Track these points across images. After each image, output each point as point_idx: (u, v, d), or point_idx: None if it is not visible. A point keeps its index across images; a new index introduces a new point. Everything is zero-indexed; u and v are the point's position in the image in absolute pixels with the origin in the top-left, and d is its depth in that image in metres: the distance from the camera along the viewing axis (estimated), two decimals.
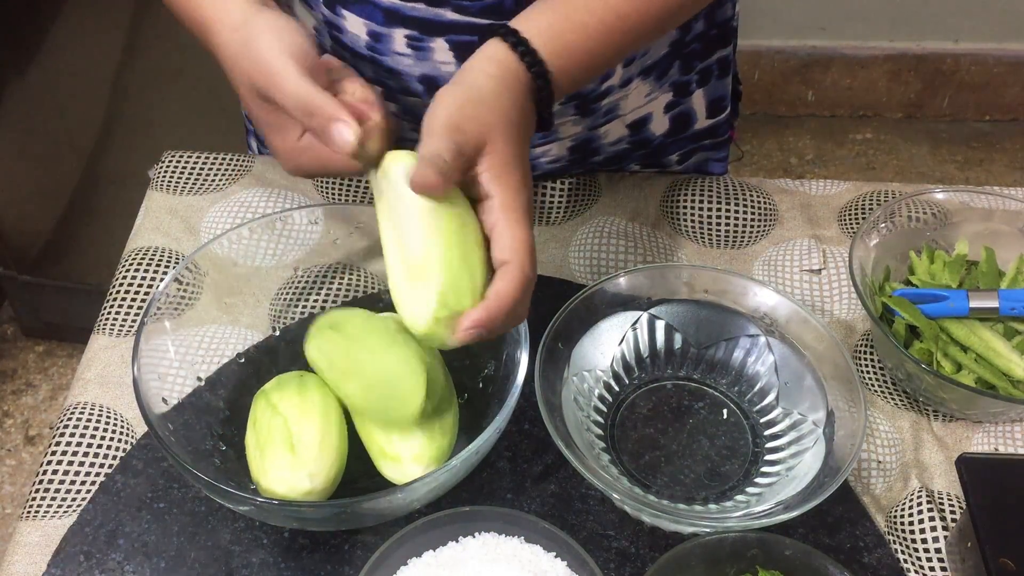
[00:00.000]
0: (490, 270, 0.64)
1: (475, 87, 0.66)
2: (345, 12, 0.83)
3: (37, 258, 1.89)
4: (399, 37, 0.82)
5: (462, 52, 0.73)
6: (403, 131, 0.89)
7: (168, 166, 1.01)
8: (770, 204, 0.98)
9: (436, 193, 0.62)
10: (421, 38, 0.82)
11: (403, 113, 0.90)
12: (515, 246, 0.63)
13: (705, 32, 0.93)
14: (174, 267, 0.83)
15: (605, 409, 0.81)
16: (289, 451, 0.69)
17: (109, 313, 0.89)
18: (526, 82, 0.68)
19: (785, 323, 0.80)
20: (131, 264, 0.92)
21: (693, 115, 1.00)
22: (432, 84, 0.85)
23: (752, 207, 0.98)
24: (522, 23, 0.69)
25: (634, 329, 0.83)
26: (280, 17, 0.70)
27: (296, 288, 0.86)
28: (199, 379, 0.79)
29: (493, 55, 0.68)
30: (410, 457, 0.70)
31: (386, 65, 0.85)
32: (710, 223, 0.97)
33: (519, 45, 0.68)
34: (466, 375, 0.79)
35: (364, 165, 0.67)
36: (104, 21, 1.59)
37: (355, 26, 0.83)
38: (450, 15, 0.81)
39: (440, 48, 0.83)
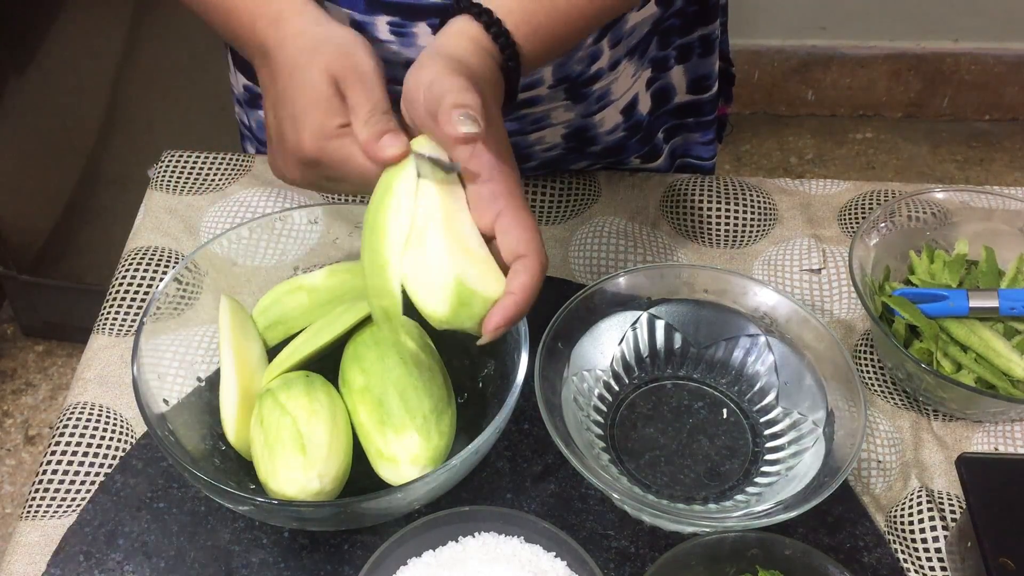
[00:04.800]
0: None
1: (461, 59, 0.65)
2: (327, 3, 0.83)
3: (37, 258, 1.89)
4: (382, 25, 0.82)
5: None
6: None
7: (168, 166, 1.01)
8: (770, 204, 0.98)
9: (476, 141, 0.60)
10: (403, 23, 0.82)
11: (395, 105, 0.90)
12: (530, 237, 0.61)
13: (684, 8, 0.93)
14: (174, 267, 0.83)
15: (605, 409, 0.81)
16: (300, 452, 0.69)
17: (109, 313, 0.89)
18: (499, 61, 0.68)
19: (785, 323, 0.80)
20: (131, 264, 0.92)
21: (672, 90, 1.00)
22: None
23: (752, 207, 0.98)
24: (492, 1, 0.69)
25: (634, 329, 0.83)
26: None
27: None
28: (199, 379, 0.78)
29: (465, 31, 0.67)
30: (407, 459, 0.70)
31: None
32: (710, 223, 0.97)
33: (492, 25, 0.67)
34: (466, 375, 0.79)
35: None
36: (104, 21, 1.59)
37: (338, 17, 0.83)
38: None
39: (423, 32, 0.82)
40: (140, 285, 0.91)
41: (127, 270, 0.92)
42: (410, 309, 0.83)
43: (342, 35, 0.69)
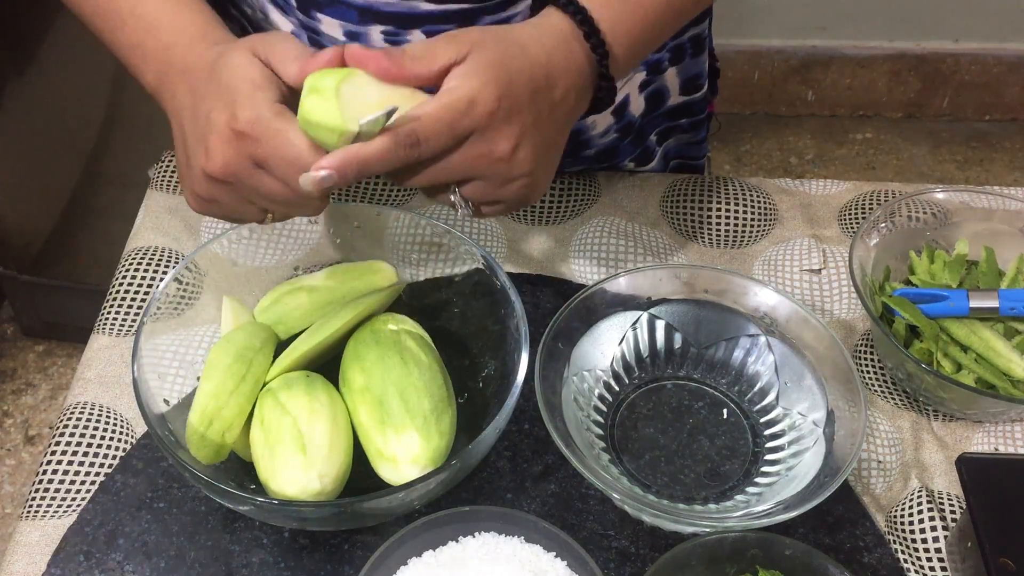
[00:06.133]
0: None
1: (506, 27, 0.66)
2: (319, 15, 0.83)
3: (37, 258, 1.89)
4: (375, 34, 0.82)
5: None
6: None
7: (168, 166, 1.01)
8: (770, 204, 0.98)
9: (369, 67, 0.61)
10: (397, 32, 0.82)
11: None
12: (428, 119, 0.61)
13: None
14: (174, 267, 0.83)
15: (605, 409, 0.81)
16: (300, 452, 0.69)
17: (109, 313, 0.89)
18: (575, 39, 0.68)
19: (785, 323, 0.80)
20: (131, 264, 0.92)
21: (666, 91, 1.00)
22: None
23: (752, 207, 0.98)
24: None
25: (634, 329, 0.83)
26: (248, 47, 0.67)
27: None
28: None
29: (545, 16, 0.68)
30: (407, 459, 0.70)
31: None
32: (710, 223, 0.97)
33: (591, 35, 0.68)
34: (466, 375, 0.79)
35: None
36: None
37: (331, 27, 0.83)
38: (424, 6, 0.81)
39: (417, 40, 0.83)
40: (140, 285, 0.91)
41: (127, 270, 0.92)
42: (412, 310, 0.83)
43: (237, 77, 0.65)
